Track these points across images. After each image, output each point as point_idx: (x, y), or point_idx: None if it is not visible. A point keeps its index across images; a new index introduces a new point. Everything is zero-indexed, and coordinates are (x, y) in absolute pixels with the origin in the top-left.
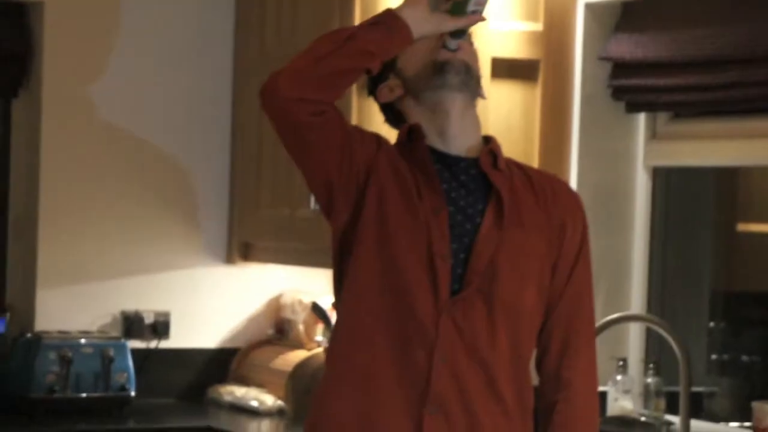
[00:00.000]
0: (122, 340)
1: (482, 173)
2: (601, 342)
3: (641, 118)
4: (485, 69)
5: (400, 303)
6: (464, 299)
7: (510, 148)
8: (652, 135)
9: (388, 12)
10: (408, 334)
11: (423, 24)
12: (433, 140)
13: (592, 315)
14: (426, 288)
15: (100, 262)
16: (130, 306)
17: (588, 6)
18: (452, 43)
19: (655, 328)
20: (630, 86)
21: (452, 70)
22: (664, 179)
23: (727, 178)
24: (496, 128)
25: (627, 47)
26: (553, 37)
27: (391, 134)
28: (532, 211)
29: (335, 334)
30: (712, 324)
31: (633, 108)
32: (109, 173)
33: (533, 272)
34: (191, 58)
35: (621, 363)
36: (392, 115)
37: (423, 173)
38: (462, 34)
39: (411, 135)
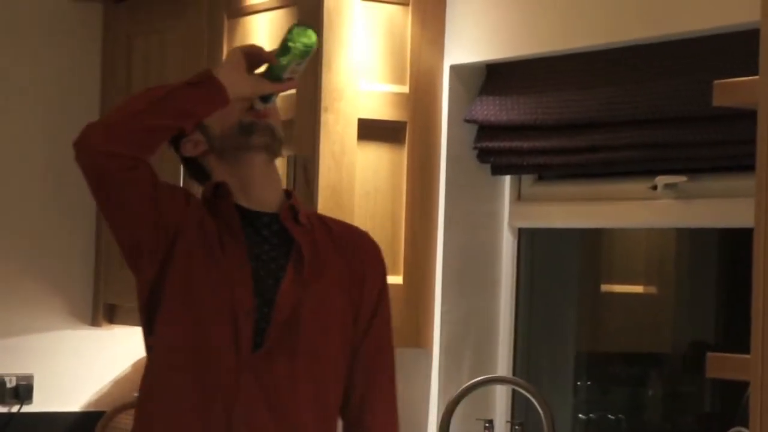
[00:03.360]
0: None
1: (284, 228)
2: (467, 403)
3: (507, 180)
4: (353, 129)
5: (204, 359)
6: (266, 354)
7: (376, 209)
8: (518, 197)
9: (207, 73)
10: (211, 391)
11: (240, 87)
12: (237, 197)
13: (391, 367)
14: (229, 344)
15: None
16: None
17: (453, 68)
18: (261, 105)
19: (520, 390)
20: (495, 148)
21: (258, 131)
22: (530, 240)
23: (590, 239)
24: (362, 189)
25: (492, 110)
26: (419, 99)
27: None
28: (333, 264)
29: (144, 387)
30: (578, 383)
31: (498, 170)
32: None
33: (336, 324)
34: (55, 104)
35: (487, 425)
36: (194, 168)
37: (228, 229)
38: (271, 97)
39: (217, 191)
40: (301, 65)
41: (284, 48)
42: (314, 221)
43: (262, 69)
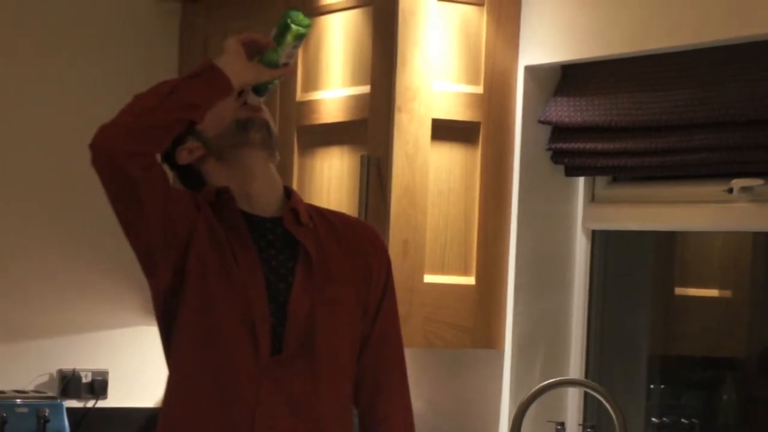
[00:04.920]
0: (58, 400)
1: (287, 231)
2: (539, 405)
3: (580, 181)
4: (426, 130)
5: (222, 366)
6: (286, 358)
7: (449, 210)
8: (591, 198)
9: (208, 63)
10: (231, 398)
11: (242, 74)
12: (239, 202)
13: (401, 351)
14: (247, 350)
15: (37, 320)
16: (68, 365)
17: (528, 69)
18: (255, 100)
19: (592, 392)
20: (569, 150)
21: (255, 126)
22: (603, 242)
23: (665, 242)
24: (436, 189)
25: (566, 111)
26: (494, 99)
27: None
28: (339, 262)
29: (165, 395)
30: (651, 387)
31: (572, 171)
32: (44, 230)
33: (347, 323)
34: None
35: (559, 427)
36: (189, 176)
37: (236, 235)
38: (264, 91)
39: (220, 197)
40: (296, 50)
41: (281, 33)
42: (315, 218)
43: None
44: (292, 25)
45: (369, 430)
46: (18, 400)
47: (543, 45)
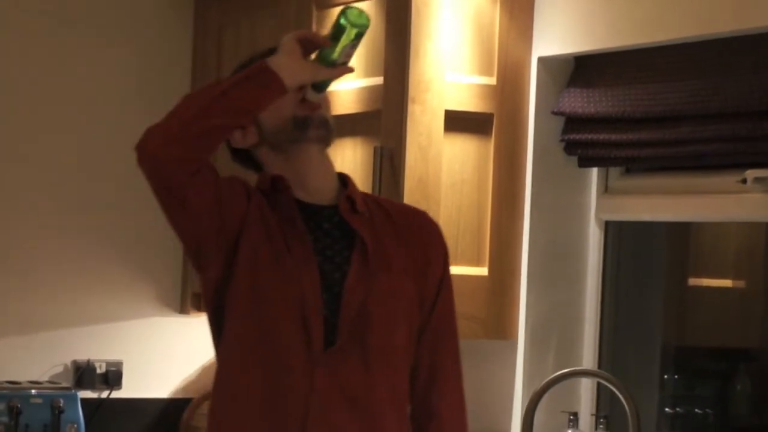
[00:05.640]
0: (73, 391)
1: (344, 220)
2: (552, 396)
3: (593, 172)
4: (439, 121)
5: (274, 359)
6: (339, 350)
7: (462, 201)
8: (605, 189)
9: (261, 65)
10: (283, 391)
11: (298, 74)
12: (294, 190)
13: (456, 347)
14: (299, 342)
15: (52, 311)
16: (82, 356)
17: (541, 60)
18: (314, 97)
19: (605, 383)
20: (582, 140)
21: (313, 125)
22: (616, 233)
23: (678, 233)
24: (449, 180)
25: (579, 102)
26: (507, 91)
27: None
28: (396, 252)
29: (214, 388)
30: (665, 377)
31: (585, 162)
32: (58, 221)
33: (403, 314)
34: (146, 94)
35: (572, 417)
36: (243, 158)
37: (290, 225)
38: (323, 87)
39: (275, 185)
40: (354, 48)
41: (338, 31)
42: (372, 207)
43: (314, 56)
44: (348, 25)
45: (420, 425)
46: (33, 391)
47: (556, 36)
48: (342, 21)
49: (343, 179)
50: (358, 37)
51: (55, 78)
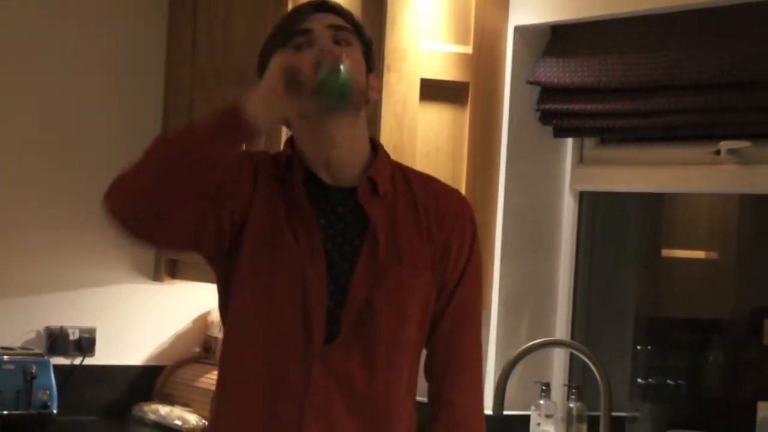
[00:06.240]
0: (45, 357)
1: (360, 204)
2: (524, 366)
3: (568, 142)
4: (415, 89)
5: (275, 351)
6: (341, 344)
7: (438, 170)
8: (579, 159)
9: (232, 110)
10: (280, 384)
11: (273, 111)
12: (317, 167)
13: (476, 333)
14: (300, 335)
15: (24, 276)
16: (55, 322)
17: (518, 29)
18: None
19: (577, 353)
20: (557, 111)
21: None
22: (591, 204)
23: (652, 203)
24: (424, 149)
25: (555, 72)
26: (483, 60)
27: None
28: (412, 241)
29: (218, 375)
30: (638, 348)
31: (560, 132)
32: (32, 185)
33: (414, 307)
34: (122, 72)
35: (544, 387)
36: None
37: (299, 212)
38: (335, 106)
39: (289, 166)
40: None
41: (321, 87)
42: (399, 186)
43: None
44: (327, 91)
45: (435, 413)
46: (5, 357)
47: (533, 5)
48: (322, 84)
49: (375, 148)
50: (343, 98)
51: (35, 52)
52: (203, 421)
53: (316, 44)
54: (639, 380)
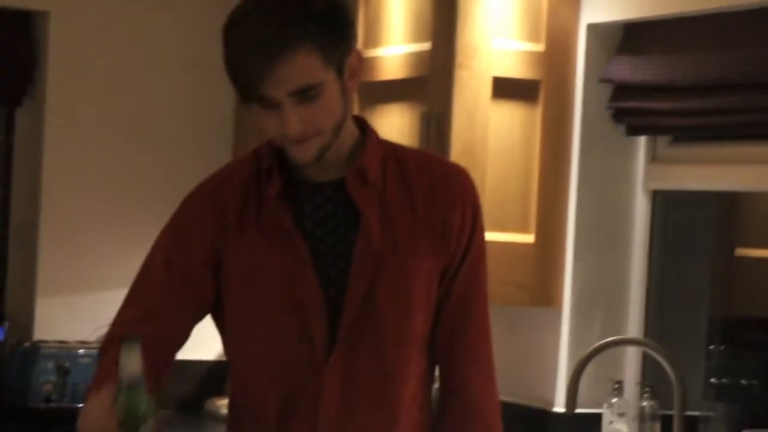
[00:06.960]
0: None
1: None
2: (597, 364)
3: (641, 140)
4: (487, 87)
5: (278, 371)
6: (345, 348)
7: (509, 168)
8: (652, 158)
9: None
10: (289, 404)
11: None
12: (303, 169)
13: (484, 315)
14: (304, 350)
15: (101, 272)
16: None
17: (590, 27)
18: None
19: (650, 351)
20: (630, 109)
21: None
22: (664, 202)
23: (726, 202)
24: (495, 147)
25: (628, 69)
26: (555, 57)
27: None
28: (407, 228)
29: (229, 395)
30: (711, 347)
31: (633, 131)
32: (111, 185)
33: (417, 294)
34: (197, 75)
35: (617, 386)
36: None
37: (278, 226)
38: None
39: (268, 174)
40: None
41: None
42: (391, 171)
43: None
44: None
45: (444, 403)
46: (81, 351)
47: (605, 2)
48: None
49: (362, 127)
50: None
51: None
52: None
53: (281, 109)
54: (712, 380)
